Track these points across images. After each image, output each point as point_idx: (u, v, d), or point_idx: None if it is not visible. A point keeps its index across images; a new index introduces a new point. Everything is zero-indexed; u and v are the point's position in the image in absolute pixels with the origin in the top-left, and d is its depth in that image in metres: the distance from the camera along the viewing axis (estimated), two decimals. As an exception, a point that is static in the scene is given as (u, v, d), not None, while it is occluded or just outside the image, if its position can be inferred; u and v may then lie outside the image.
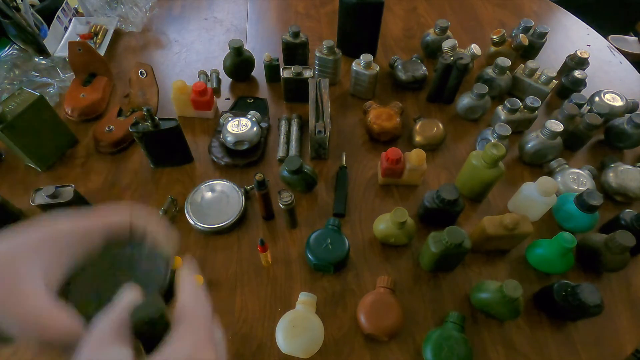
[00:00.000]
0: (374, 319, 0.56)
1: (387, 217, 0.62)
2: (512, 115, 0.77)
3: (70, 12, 1.01)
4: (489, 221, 0.60)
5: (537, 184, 0.64)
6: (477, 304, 0.58)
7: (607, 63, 0.99)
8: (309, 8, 1.09)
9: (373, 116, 0.78)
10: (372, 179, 0.75)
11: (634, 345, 0.59)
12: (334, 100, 0.87)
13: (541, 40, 0.93)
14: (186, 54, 0.96)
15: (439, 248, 0.57)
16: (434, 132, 0.77)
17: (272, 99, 0.87)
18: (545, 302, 0.60)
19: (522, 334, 0.59)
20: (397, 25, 1.05)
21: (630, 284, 0.64)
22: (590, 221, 0.65)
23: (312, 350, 0.54)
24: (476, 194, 0.70)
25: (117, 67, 0.92)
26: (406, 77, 0.86)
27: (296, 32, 0.84)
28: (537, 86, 0.83)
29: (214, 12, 1.07)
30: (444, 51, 0.85)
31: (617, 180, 0.71)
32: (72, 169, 0.75)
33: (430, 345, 0.54)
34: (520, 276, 0.64)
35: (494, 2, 1.13)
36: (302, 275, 0.63)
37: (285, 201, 0.62)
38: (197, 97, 0.77)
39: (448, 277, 0.64)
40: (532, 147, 0.73)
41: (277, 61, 0.87)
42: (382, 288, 0.59)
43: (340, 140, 0.80)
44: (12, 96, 0.66)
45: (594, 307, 0.53)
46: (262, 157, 0.77)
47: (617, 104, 0.81)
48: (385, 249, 0.66)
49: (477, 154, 0.65)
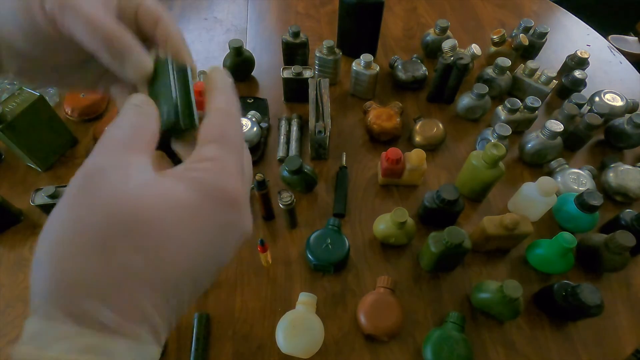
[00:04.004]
0: (374, 319, 0.56)
1: (387, 217, 0.62)
2: (512, 115, 0.77)
3: (70, 12, 1.00)
4: (489, 221, 0.60)
5: (537, 184, 0.64)
6: (477, 304, 0.58)
7: (607, 63, 0.99)
8: (309, 8, 1.09)
9: (373, 116, 0.78)
10: (372, 179, 0.75)
11: (634, 345, 0.59)
12: (334, 100, 0.86)
13: (541, 40, 0.93)
14: (186, 54, 0.96)
15: (439, 248, 0.57)
16: (434, 132, 0.77)
17: (272, 99, 0.87)
18: (545, 302, 0.60)
19: (522, 334, 0.59)
20: (397, 25, 1.05)
21: (630, 284, 0.64)
22: (590, 221, 0.65)
23: (312, 350, 0.54)
24: (476, 194, 0.70)
25: (117, 67, 0.92)
26: (406, 77, 0.86)
27: (296, 32, 0.84)
28: (537, 86, 0.83)
29: (214, 12, 1.07)
30: (444, 51, 0.85)
31: (617, 180, 0.71)
32: (72, 169, 0.75)
33: (430, 345, 0.54)
34: (520, 276, 0.64)
35: (494, 2, 1.13)
36: (302, 275, 0.63)
37: (285, 201, 0.62)
38: (197, 97, 0.77)
39: (448, 277, 0.64)
40: (532, 147, 0.73)
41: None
42: (382, 288, 0.59)
43: (340, 140, 0.80)
44: (12, 96, 0.66)
45: (594, 308, 0.53)
46: (262, 157, 0.77)
47: (617, 104, 0.80)
48: (385, 249, 0.66)
49: (477, 154, 0.65)
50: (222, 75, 0.26)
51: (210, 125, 0.23)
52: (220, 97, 0.25)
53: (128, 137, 0.21)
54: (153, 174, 0.21)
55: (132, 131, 0.22)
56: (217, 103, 0.24)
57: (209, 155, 0.22)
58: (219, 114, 0.24)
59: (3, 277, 0.62)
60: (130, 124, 0.22)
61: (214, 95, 0.25)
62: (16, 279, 0.62)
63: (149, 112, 0.24)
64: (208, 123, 0.23)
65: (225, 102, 0.25)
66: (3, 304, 0.60)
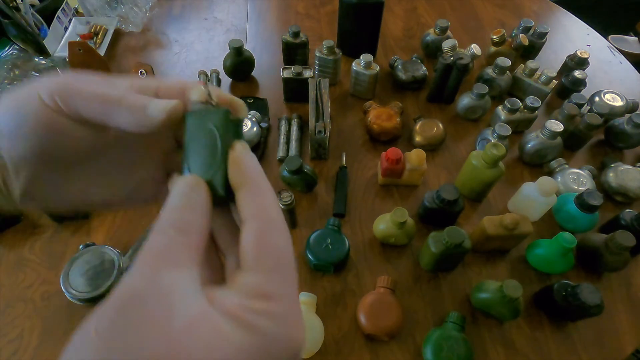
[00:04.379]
0: (374, 319, 0.56)
1: (387, 217, 0.62)
2: (512, 115, 0.77)
3: (70, 12, 1.00)
4: (489, 221, 0.60)
5: (537, 184, 0.64)
6: (477, 304, 0.58)
7: (607, 63, 0.99)
8: (309, 8, 1.09)
9: (373, 116, 0.78)
10: (372, 179, 0.75)
11: (634, 345, 0.59)
12: (334, 100, 0.86)
13: (541, 40, 0.93)
14: (186, 54, 0.96)
15: (439, 248, 0.57)
16: (434, 132, 0.77)
17: (272, 99, 0.87)
18: (545, 302, 0.60)
19: (522, 334, 0.59)
20: (397, 25, 1.05)
21: (630, 284, 0.64)
22: (590, 221, 0.65)
23: (312, 350, 0.54)
24: (476, 194, 0.70)
25: (117, 67, 0.92)
26: (406, 77, 0.86)
27: (296, 32, 0.84)
28: (537, 86, 0.83)
29: (214, 12, 1.07)
30: (444, 51, 0.85)
31: (617, 180, 0.71)
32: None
33: (430, 345, 0.54)
34: (520, 276, 0.64)
35: (494, 2, 1.13)
36: (302, 275, 0.63)
37: (285, 201, 0.62)
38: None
39: (448, 277, 0.64)
40: (532, 147, 0.73)
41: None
42: (382, 288, 0.59)
43: (340, 140, 0.80)
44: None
45: (594, 308, 0.53)
46: (262, 157, 0.77)
47: (617, 104, 0.80)
48: (385, 249, 0.66)
49: (477, 154, 0.65)
50: (248, 158, 0.21)
51: (259, 244, 0.19)
52: (258, 198, 0.20)
53: (171, 248, 0.18)
54: (202, 301, 0.17)
55: (177, 237, 0.19)
56: (257, 208, 0.20)
57: (267, 292, 0.18)
58: (264, 225, 0.20)
59: (3, 277, 0.62)
60: (173, 224, 0.19)
61: (248, 192, 0.20)
62: (16, 279, 0.62)
63: (197, 202, 0.20)
64: (255, 241, 0.19)
65: (268, 206, 0.20)
66: (3, 304, 0.60)
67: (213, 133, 0.21)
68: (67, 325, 0.58)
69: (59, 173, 0.23)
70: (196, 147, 0.21)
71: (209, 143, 0.21)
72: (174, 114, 0.22)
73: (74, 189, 0.24)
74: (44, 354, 0.56)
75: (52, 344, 0.57)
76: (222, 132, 0.21)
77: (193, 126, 0.22)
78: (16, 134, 0.21)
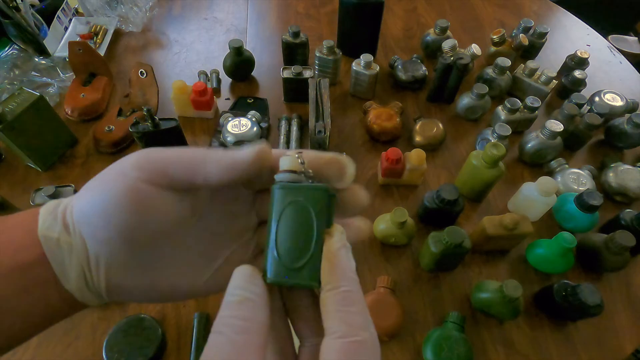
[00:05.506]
0: (374, 319, 0.55)
1: (387, 217, 0.62)
2: (512, 115, 0.77)
3: (70, 12, 1.00)
4: (489, 221, 0.60)
5: (537, 184, 0.64)
6: (477, 304, 0.58)
7: (607, 63, 0.99)
8: (309, 8, 1.09)
9: (373, 116, 0.78)
10: (372, 179, 0.75)
11: (634, 345, 0.59)
12: (334, 100, 0.86)
13: (541, 40, 0.93)
14: (186, 54, 0.96)
15: (439, 248, 0.57)
16: (434, 132, 0.77)
17: (272, 99, 0.87)
18: (545, 302, 0.60)
19: (522, 334, 0.59)
20: (397, 25, 1.05)
21: (630, 284, 0.64)
22: (590, 221, 0.66)
23: (312, 350, 0.54)
24: (476, 194, 0.70)
25: (117, 67, 0.92)
26: (406, 77, 0.86)
27: (296, 32, 0.84)
28: (537, 86, 0.83)
29: (214, 12, 1.07)
30: (444, 51, 0.85)
31: (617, 180, 0.71)
32: (72, 169, 0.75)
33: (430, 345, 0.54)
34: (520, 276, 0.64)
35: (494, 2, 1.13)
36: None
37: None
38: (197, 97, 0.77)
39: (448, 277, 0.64)
40: (532, 147, 0.73)
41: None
42: (382, 288, 0.59)
43: (340, 140, 0.80)
44: (12, 96, 0.66)
45: (594, 307, 0.53)
46: (262, 157, 0.77)
47: (617, 104, 0.81)
48: (385, 249, 0.66)
49: (477, 154, 0.65)
50: (345, 258, 0.19)
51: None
52: (348, 315, 0.18)
53: (231, 353, 0.17)
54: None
55: (236, 337, 0.17)
56: (346, 326, 0.18)
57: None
58: (352, 347, 0.18)
59: (3, 277, 0.62)
60: (230, 339, 0.17)
61: (338, 301, 0.18)
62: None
63: (255, 295, 0.18)
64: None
65: (358, 326, 0.18)
66: (3, 304, 0.60)
67: (308, 214, 0.18)
68: (67, 325, 0.58)
69: (144, 256, 0.22)
70: (285, 229, 0.19)
71: (301, 226, 0.18)
72: (263, 154, 0.20)
73: (159, 276, 0.22)
74: (44, 354, 0.56)
75: (52, 344, 0.57)
76: (318, 215, 0.18)
77: (281, 202, 0.19)
78: (100, 215, 0.20)
